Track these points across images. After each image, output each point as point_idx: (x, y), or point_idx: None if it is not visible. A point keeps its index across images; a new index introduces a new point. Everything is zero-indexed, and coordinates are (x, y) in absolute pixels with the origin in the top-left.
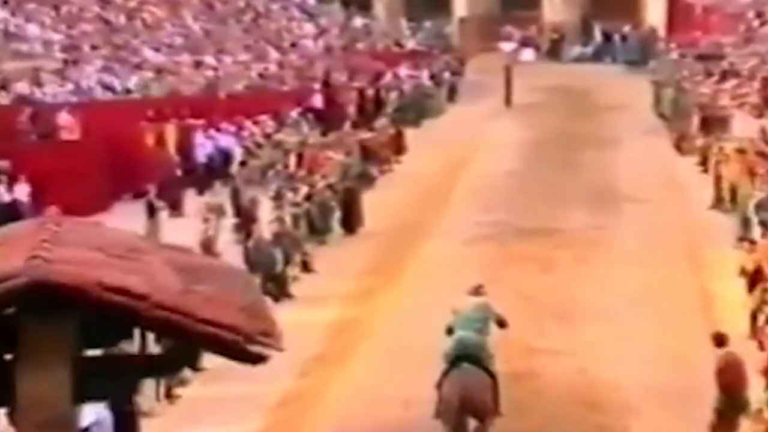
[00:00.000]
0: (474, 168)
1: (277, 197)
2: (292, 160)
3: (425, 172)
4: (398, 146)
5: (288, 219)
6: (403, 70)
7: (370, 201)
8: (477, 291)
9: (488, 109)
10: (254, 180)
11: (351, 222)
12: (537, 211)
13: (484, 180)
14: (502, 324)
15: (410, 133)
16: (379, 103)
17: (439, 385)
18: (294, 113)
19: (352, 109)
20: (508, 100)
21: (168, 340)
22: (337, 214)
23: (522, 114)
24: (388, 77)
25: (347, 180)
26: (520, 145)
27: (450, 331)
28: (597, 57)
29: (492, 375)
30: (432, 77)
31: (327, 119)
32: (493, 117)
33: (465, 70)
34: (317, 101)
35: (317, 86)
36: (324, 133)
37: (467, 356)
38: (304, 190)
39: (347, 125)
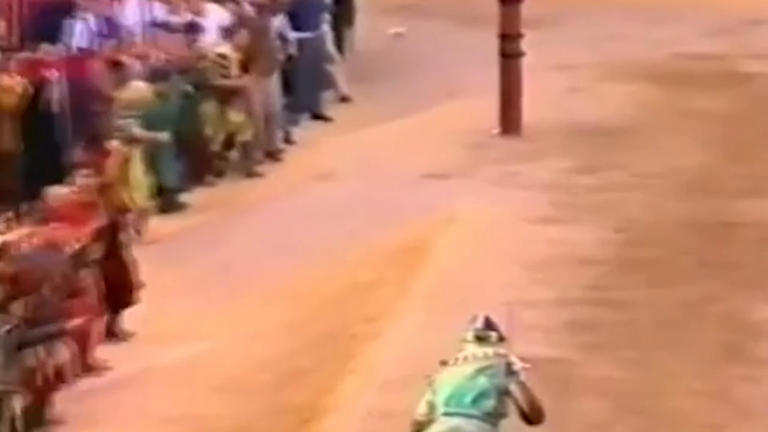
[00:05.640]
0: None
1: None
2: None
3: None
4: (117, 287)
5: None
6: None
7: None
8: (485, 330)
9: (440, 142)
10: None
11: None
12: None
13: None
14: (530, 417)
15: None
16: (36, 131)
17: None
18: None
19: None
20: (507, 114)
21: None
22: None
23: (563, 159)
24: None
25: None
26: (567, 277)
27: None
28: None
29: None
30: (234, 30)
31: None
32: (462, 172)
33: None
34: None
35: None
36: None
37: None
38: None
39: None
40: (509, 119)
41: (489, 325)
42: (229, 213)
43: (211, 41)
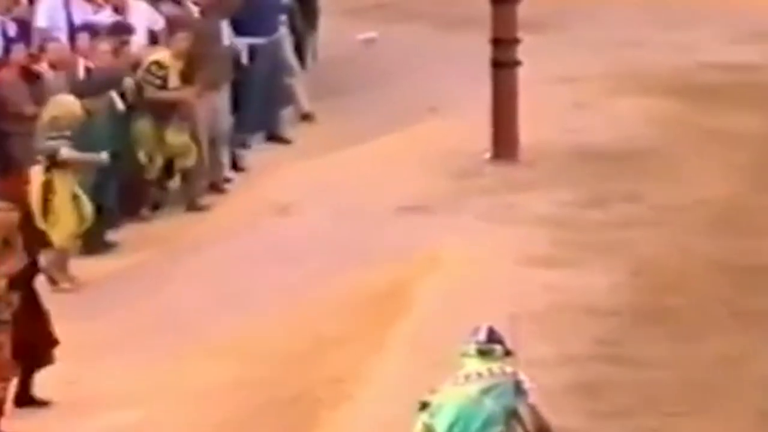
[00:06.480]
0: None
1: None
2: None
3: None
4: (31, 343)
5: None
6: None
7: None
8: (489, 343)
9: (420, 168)
10: None
11: None
12: None
13: None
14: None
15: None
16: None
17: None
18: None
19: None
20: (500, 135)
21: None
22: None
23: (567, 189)
24: None
25: None
26: (571, 330)
27: None
28: None
29: None
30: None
31: None
32: (445, 204)
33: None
34: None
35: None
36: None
37: None
38: None
39: None
40: (503, 141)
41: (493, 337)
42: (168, 253)
43: (140, 45)
